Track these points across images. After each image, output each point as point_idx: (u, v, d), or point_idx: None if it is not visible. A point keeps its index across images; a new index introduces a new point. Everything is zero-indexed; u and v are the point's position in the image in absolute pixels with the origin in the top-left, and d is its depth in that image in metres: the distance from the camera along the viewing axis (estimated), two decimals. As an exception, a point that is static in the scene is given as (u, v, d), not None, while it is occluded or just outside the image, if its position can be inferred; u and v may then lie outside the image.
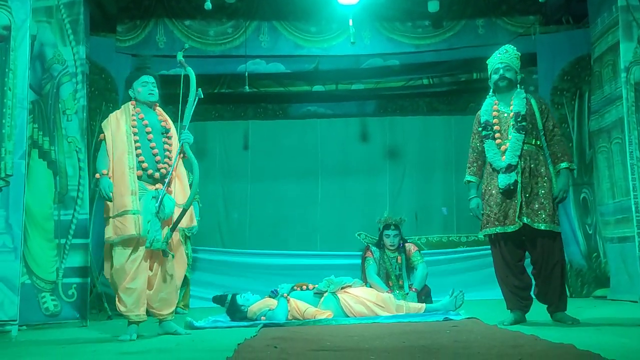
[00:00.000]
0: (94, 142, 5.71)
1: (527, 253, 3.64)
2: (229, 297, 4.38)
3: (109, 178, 3.43)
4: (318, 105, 7.82)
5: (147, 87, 3.62)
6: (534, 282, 3.61)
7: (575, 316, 3.51)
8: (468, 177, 3.77)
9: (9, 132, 3.82)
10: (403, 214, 5.61)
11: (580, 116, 6.06)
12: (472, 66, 7.01)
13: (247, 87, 6.25)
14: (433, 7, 6.16)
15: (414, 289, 4.87)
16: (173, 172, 3.51)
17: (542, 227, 3.47)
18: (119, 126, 3.53)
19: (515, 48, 3.81)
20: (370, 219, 7.05)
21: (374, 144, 7.66)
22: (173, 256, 3.50)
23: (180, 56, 3.69)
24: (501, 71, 3.69)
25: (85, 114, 4.62)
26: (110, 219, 3.42)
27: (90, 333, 3.90)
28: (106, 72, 6.04)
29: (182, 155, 3.58)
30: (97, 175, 3.46)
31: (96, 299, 5.15)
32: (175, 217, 3.45)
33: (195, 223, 3.72)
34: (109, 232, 3.42)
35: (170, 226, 3.44)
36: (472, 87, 7.69)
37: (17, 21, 3.89)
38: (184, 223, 3.52)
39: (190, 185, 3.61)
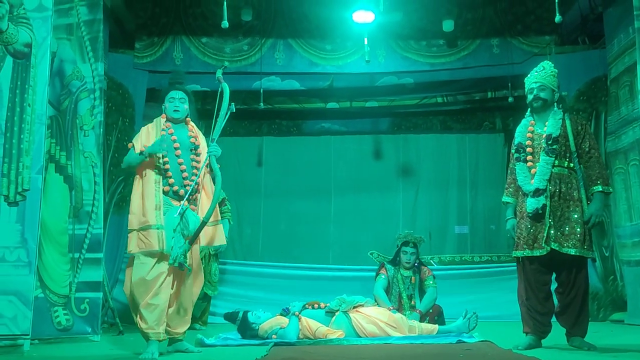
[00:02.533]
0: (110, 157, 5.79)
1: (553, 277, 3.56)
2: (240, 315, 4.36)
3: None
4: (332, 123, 7.86)
5: (173, 103, 3.58)
6: (556, 305, 3.54)
7: (592, 342, 3.44)
8: (505, 199, 3.72)
9: (27, 147, 3.87)
10: (416, 233, 5.57)
11: (596, 137, 5.98)
12: (487, 85, 7.02)
13: (262, 103, 6.30)
14: (448, 26, 6.18)
15: (418, 311, 4.79)
16: (199, 188, 3.46)
17: (572, 252, 3.39)
18: (148, 139, 3.48)
19: (552, 65, 3.65)
20: (383, 237, 7.05)
21: (388, 161, 7.67)
22: (190, 270, 3.41)
23: (219, 73, 3.69)
24: (535, 91, 3.57)
25: (102, 130, 4.67)
26: (134, 232, 3.36)
27: (103, 348, 3.90)
28: (123, 88, 6.12)
29: (208, 169, 3.53)
30: (142, 149, 3.40)
31: (108, 314, 5.16)
32: (203, 234, 3.40)
33: (224, 241, 3.64)
34: (132, 245, 3.35)
35: (190, 239, 3.36)
36: (486, 106, 7.70)
37: (38, 38, 3.96)
38: (211, 241, 3.47)
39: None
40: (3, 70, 3.90)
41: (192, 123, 3.68)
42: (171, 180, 3.43)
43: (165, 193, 3.41)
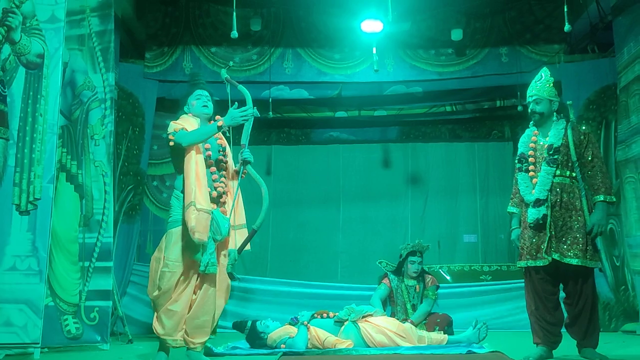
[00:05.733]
0: (120, 166, 5.83)
1: (562, 287, 3.54)
2: (249, 324, 4.36)
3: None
4: (341, 131, 7.87)
5: (201, 99, 3.48)
6: (565, 316, 3.51)
7: (603, 353, 3.41)
8: (510, 209, 3.72)
9: (39, 156, 3.91)
10: (425, 242, 5.55)
11: (606, 146, 5.97)
12: (496, 94, 7.00)
13: (270, 112, 6.32)
14: (456, 35, 6.20)
15: (410, 321, 4.72)
16: (228, 190, 3.36)
17: (574, 263, 3.37)
18: (191, 125, 3.33)
19: (549, 73, 3.63)
20: (392, 245, 7.01)
21: (396, 170, 7.66)
22: (240, 280, 3.33)
23: (224, 73, 3.61)
24: (531, 105, 3.59)
25: (112, 139, 4.72)
26: (195, 209, 3.11)
27: (112, 357, 3.91)
28: (134, 97, 6.18)
29: (243, 174, 3.43)
30: (220, 122, 3.24)
31: (117, 323, 5.17)
32: (230, 239, 3.30)
33: (249, 247, 3.40)
34: (192, 221, 3.10)
35: (238, 247, 3.23)
36: (495, 115, 7.68)
37: (50, 49, 4.02)
38: (233, 245, 3.31)
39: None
40: (16, 81, 3.96)
41: None
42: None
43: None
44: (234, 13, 4.83)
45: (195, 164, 3.24)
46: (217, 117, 3.42)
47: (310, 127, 7.88)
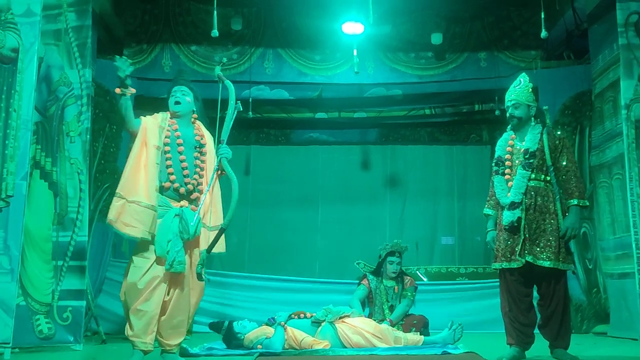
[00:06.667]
0: (96, 163, 5.74)
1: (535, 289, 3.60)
2: (226, 324, 4.33)
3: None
4: (320, 132, 7.89)
5: (173, 97, 3.43)
6: (539, 317, 3.57)
7: (575, 354, 3.46)
8: (486, 211, 3.76)
9: (12, 153, 3.84)
10: (403, 243, 5.58)
11: (581, 151, 6.08)
12: (474, 98, 7.10)
13: (250, 112, 6.29)
14: (436, 39, 6.26)
15: (389, 320, 4.77)
16: (202, 188, 3.31)
17: (547, 265, 3.43)
18: (152, 131, 3.28)
19: (528, 79, 3.68)
20: (370, 247, 7.04)
21: (375, 172, 7.71)
22: (209, 280, 3.25)
23: (218, 70, 3.57)
24: (510, 109, 3.63)
25: (88, 136, 4.64)
26: (122, 200, 3.10)
27: (85, 358, 3.85)
28: (111, 94, 6.07)
29: (219, 171, 3.37)
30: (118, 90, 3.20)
31: (91, 322, 5.10)
32: (203, 239, 3.24)
33: (224, 249, 3.35)
34: (112, 214, 3.09)
35: (207, 247, 3.17)
36: (473, 119, 7.79)
37: (25, 44, 3.95)
38: (205, 246, 3.23)
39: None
40: (-12, 75, 3.88)
41: (199, 123, 3.53)
42: (172, 177, 3.25)
43: (165, 190, 3.23)
44: (215, 12, 4.78)
45: (137, 154, 3.20)
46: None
47: (290, 127, 7.88)
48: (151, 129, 3.30)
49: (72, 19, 4.58)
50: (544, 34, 4.81)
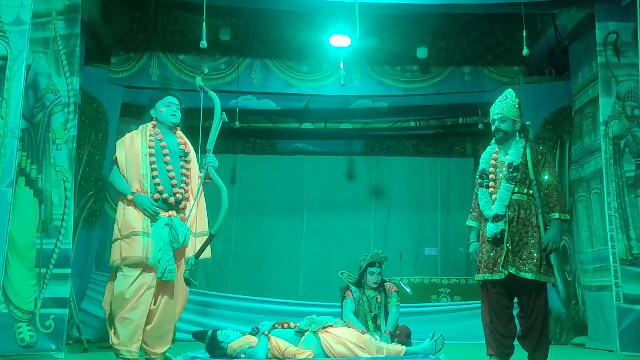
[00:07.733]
0: (81, 171, 5.73)
1: (515, 301, 3.66)
2: (210, 334, 4.33)
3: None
4: (306, 143, 7.95)
5: (170, 108, 3.50)
6: (519, 329, 3.63)
7: (553, 365, 3.54)
8: (469, 223, 3.82)
9: (-2, 160, 3.82)
10: (387, 254, 5.62)
11: (561, 165, 6.20)
12: (459, 111, 7.21)
13: (237, 122, 6.33)
14: (422, 53, 6.37)
15: (387, 332, 4.81)
16: (190, 197, 3.37)
17: (529, 277, 3.48)
18: (132, 145, 3.39)
19: (514, 95, 3.75)
20: (355, 257, 7.05)
21: (360, 183, 7.77)
22: (197, 286, 3.32)
23: (199, 81, 3.62)
24: (497, 123, 3.69)
25: (74, 144, 4.63)
26: (118, 241, 3.24)
27: (67, 366, 3.83)
28: (98, 102, 6.09)
29: (207, 180, 3.44)
30: (130, 197, 3.29)
31: (74, 331, 5.06)
32: (190, 246, 3.29)
33: (210, 255, 3.44)
34: (115, 255, 3.22)
35: (195, 254, 3.24)
36: (457, 132, 7.91)
37: (14, 52, 3.95)
38: (192, 253, 3.30)
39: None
40: (-23, 83, 3.87)
41: (180, 132, 3.60)
42: (160, 188, 3.30)
43: (154, 201, 3.29)
44: (204, 23, 4.82)
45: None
46: (132, 190, 3.40)
47: (277, 137, 7.93)
48: (130, 150, 3.39)
49: (61, 27, 4.58)
50: (525, 51, 4.92)
